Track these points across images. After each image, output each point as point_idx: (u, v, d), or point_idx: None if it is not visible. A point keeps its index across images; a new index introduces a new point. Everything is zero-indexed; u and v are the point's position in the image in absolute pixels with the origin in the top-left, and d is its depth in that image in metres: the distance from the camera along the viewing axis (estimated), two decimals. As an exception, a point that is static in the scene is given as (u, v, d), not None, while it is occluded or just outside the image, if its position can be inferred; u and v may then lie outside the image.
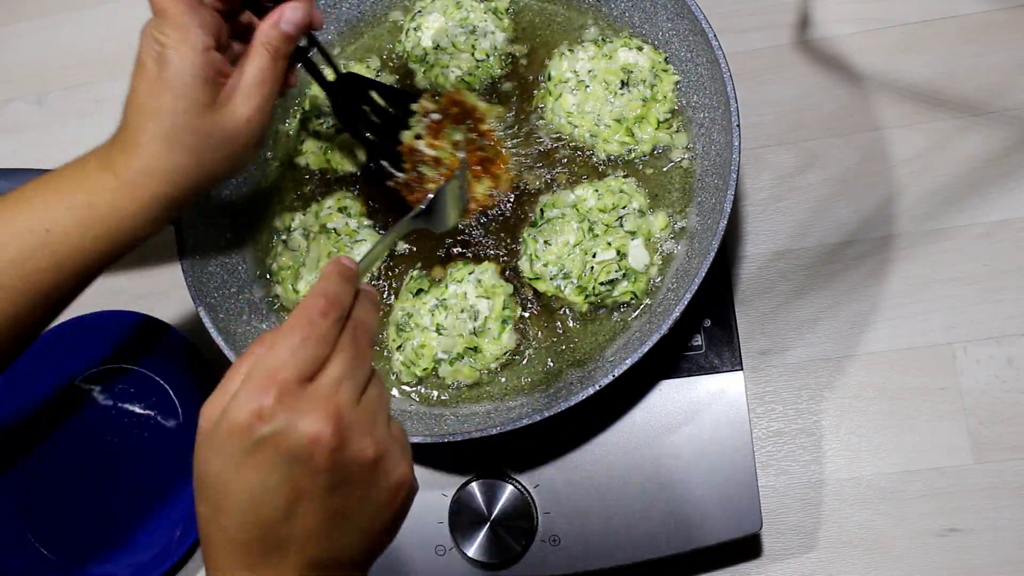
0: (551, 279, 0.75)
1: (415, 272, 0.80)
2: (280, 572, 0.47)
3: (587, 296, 0.75)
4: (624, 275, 0.75)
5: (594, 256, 0.74)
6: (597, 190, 0.76)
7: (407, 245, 0.81)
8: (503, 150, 0.80)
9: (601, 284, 0.74)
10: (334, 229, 0.80)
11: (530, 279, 0.77)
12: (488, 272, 0.77)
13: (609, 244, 0.74)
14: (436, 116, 0.81)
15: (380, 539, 0.50)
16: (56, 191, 0.60)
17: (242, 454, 0.45)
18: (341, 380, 0.47)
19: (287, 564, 0.47)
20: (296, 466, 0.45)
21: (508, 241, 0.79)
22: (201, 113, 0.60)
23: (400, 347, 0.77)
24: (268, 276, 0.82)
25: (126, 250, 0.62)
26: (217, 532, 0.47)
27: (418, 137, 0.80)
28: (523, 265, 0.77)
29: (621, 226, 0.75)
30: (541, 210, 0.77)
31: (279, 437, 0.45)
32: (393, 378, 0.79)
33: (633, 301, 0.76)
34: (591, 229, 0.75)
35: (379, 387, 0.50)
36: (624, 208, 0.76)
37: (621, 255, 0.74)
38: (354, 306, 0.50)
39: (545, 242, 0.76)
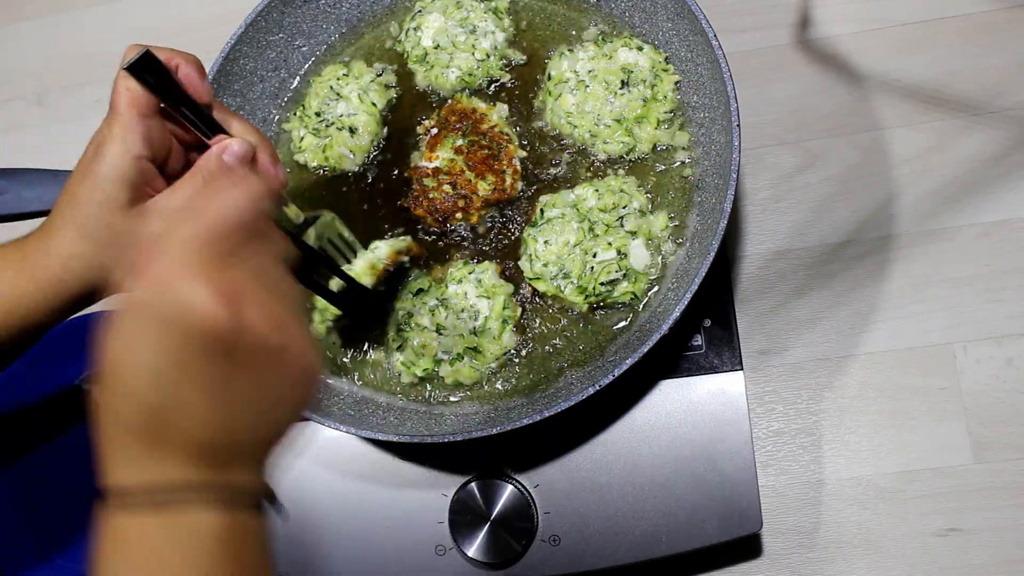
0: (551, 279, 0.75)
1: (415, 272, 0.80)
2: (167, 454, 0.44)
3: (587, 296, 0.75)
4: (624, 275, 0.74)
5: (594, 256, 0.74)
6: (597, 190, 0.76)
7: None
8: (508, 144, 0.80)
9: (601, 284, 0.74)
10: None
11: (530, 279, 0.77)
12: (488, 272, 0.77)
13: (609, 244, 0.74)
14: (435, 131, 0.82)
15: (279, 419, 0.48)
16: None
17: (131, 328, 0.43)
18: (243, 260, 0.45)
19: (173, 447, 0.44)
20: (185, 343, 0.43)
21: (508, 241, 0.79)
22: (115, 211, 0.60)
23: (400, 347, 0.77)
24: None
25: (24, 335, 0.61)
26: (109, 416, 0.44)
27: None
28: (523, 265, 0.77)
29: (621, 226, 0.75)
30: (541, 210, 0.77)
31: (170, 310, 0.43)
32: (394, 378, 0.79)
33: (633, 301, 0.75)
34: (591, 229, 0.75)
35: (280, 269, 0.48)
36: (624, 208, 0.76)
37: (621, 255, 0.74)
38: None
39: (545, 242, 0.76)
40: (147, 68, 0.58)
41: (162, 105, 0.60)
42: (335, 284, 0.73)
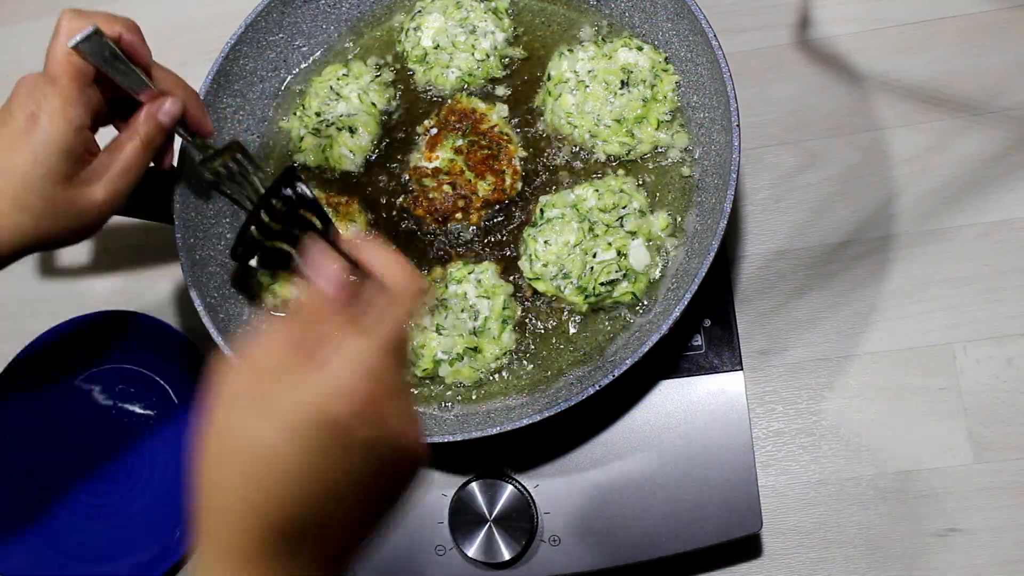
0: (551, 279, 0.75)
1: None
2: (298, 561, 0.44)
3: (587, 296, 0.75)
4: (624, 275, 0.74)
5: (594, 256, 0.74)
6: (597, 190, 0.76)
7: (409, 249, 0.81)
8: (508, 144, 0.80)
9: (601, 284, 0.74)
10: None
11: (530, 279, 0.77)
12: (488, 272, 0.77)
13: (609, 244, 0.74)
14: (435, 131, 0.82)
15: (383, 519, 0.49)
16: None
17: (321, 443, 0.43)
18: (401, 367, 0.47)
19: (311, 553, 0.44)
20: (375, 472, 0.45)
21: (508, 241, 0.79)
22: (57, 184, 0.60)
23: (400, 347, 0.77)
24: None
25: None
26: (252, 516, 0.43)
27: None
28: (523, 265, 0.77)
29: (621, 226, 0.75)
30: (541, 210, 0.77)
31: (369, 442, 0.44)
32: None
33: (633, 301, 0.75)
34: (591, 229, 0.75)
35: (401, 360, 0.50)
36: (624, 208, 0.76)
37: (621, 255, 0.74)
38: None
39: (545, 242, 0.76)
40: (97, 45, 0.59)
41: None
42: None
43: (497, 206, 0.80)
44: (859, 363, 0.80)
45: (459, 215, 0.79)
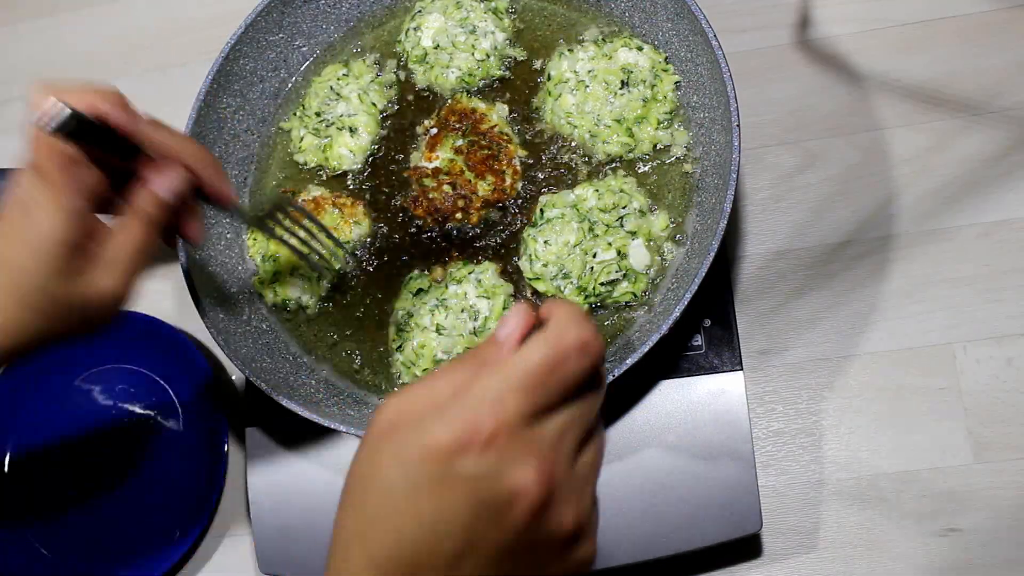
0: (551, 279, 0.75)
1: (415, 272, 0.80)
2: None
3: (587, 296, 0.75)
4: (624, 275, 0.74)
5: (594, 256, 0.74)
6: (597, 190, 0.76)
7: (409, 249, 0.81)
8: (508, 144, 0.80)
9: (601, 284, 0.74)
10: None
11: (530, 279, 0.77)
12: (488, 272, 0.77)
13: (609, 244, 0.74)
14: (435, 131, 0.82)
15: None
16: None
17: (428, 479, 0.39)
18: (565, 432, 0.41)
19: None
20: (483, 516, 0.39)
21: (508, 241, 0.79)
22: (59, 278, 0.55)
23: (400, 347, 0.77)
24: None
25: None
26: (359, 549, 0.41)
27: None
28: (523, 265, 0.77)
29: (621, 226, 0.75)
30: (541, 210, 0.77)
31: (479, 480, 0.39)
32: (395, 379, 0.79)
33: (633, 301, 0.75)
34: (591, 229, 0.75)
35: (597, 452, 0.44)
36: (624, 208, 0.76)
37: (621, 255, 0.74)
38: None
39: (545, 242, 0.76)
40: (67, 124, 0.52)
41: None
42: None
43: (497, 206, 0.80)
44: (859, 363, 0.80)
45: (459, 215, 0.79)
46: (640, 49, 0.80)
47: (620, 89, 0.79)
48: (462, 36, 0.83)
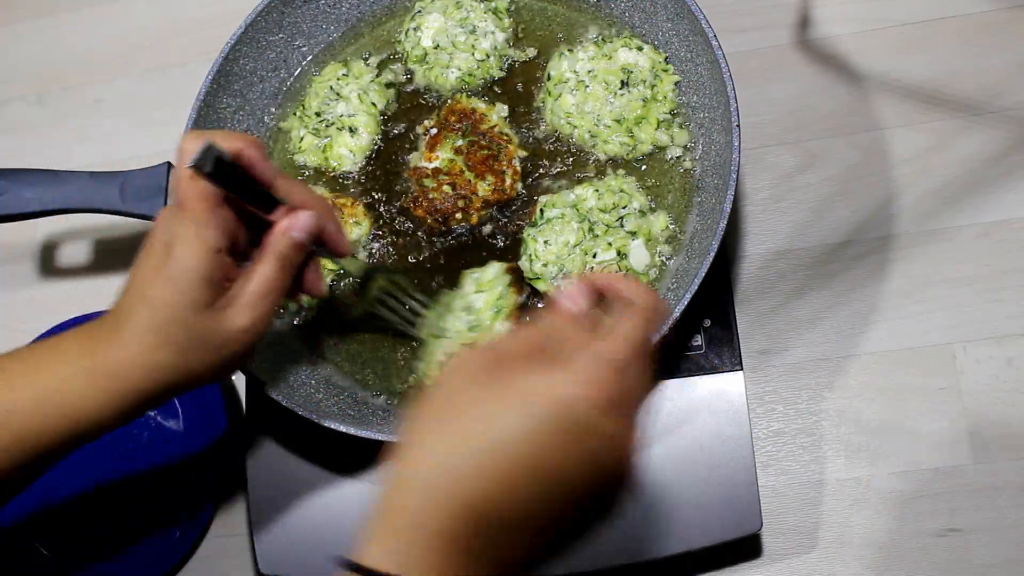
0: (551, 279, 0.75)
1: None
2: (483, 557, 0.43)
3: (587, 296, 0.75)
4: (624, 276, 0.74)
5: (594, 256, 0.74)
6: (597, 190, 0.76)
7: (409, 249, 0.81)
8: (508, 145, 0.80)
9: (601, 284, 0.74)
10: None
11: (530, 279, 0.77)
12: (489, 271, 0.77)
13: (610, 244, 0.74)
14: (435, 131, 0.82)
15: (576, 535, 0.47)
16: (25, 372, 0.58)
17: (554, 425, 0.43)
18: (644, 386, 0.48)
19: (497, 552, 0.43)
20: (590, 468, 0.44)
21: (508, 241, 0.79)
22: (198, 313, 0.57)
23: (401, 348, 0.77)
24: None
25: (85, 440, 0.58)
26: (452, 483, 0.43)
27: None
28: (523, 265, 0.77)
29: (622, 226, 0.75)
30: (541, 210, 0.77)
31: (597, 435, 0.44)
32: (394, 378, 0.79)
33: (633, 301, 0.75)
34: (591, 229, 0.75)
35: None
36: (624, 208, 0.76)
37: (621, 255, 0.74)
38: None
39: (545, 242, 0.76)
40: (211, 161, 0.55)
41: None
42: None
43: (497, 206, 0.80)
44: (859, 363, 0.80)
45: (459, 216, 0.79)
46: (640, 49, 0.80)
47: (620, 89, 0.79)
48: (462, 36, 0.83)
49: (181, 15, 1.05)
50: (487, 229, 0.80)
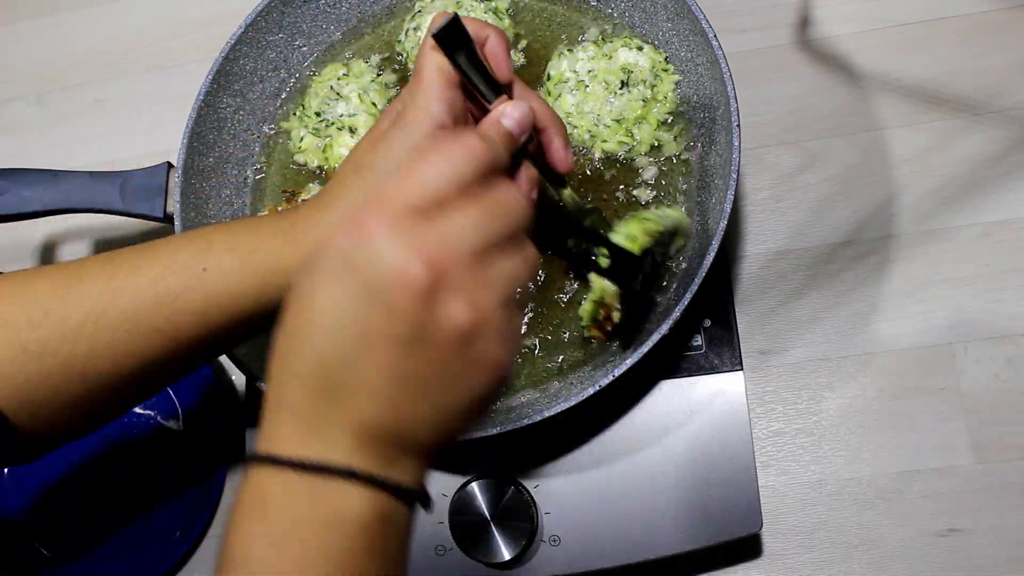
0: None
1: None
2: (331, 426, 0.41)
3: (587, 296, 0.75)
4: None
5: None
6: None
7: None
8: None
9: (601, 284, 0.74)
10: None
11: (530, 279, 0.77)
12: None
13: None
14: None
15: (454, 422, 0.43)
16: (223, 236, 0.58)
17: (325, 271, 0.41)
18: (462, 231, 0.41)
19: (340, 418, 0.41)
20: (372, 301, 0.40)
21: (508, 241, 0.79)
22: None
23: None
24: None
25: (268, 322, 0.56)
26: (280, 361, 0.43)
27: None
28: (523, 265, 0.77)
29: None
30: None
31: (364, 263, 0.40)
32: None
33: (633, 301, 0.75)
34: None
35: (517, 264, 0.43)
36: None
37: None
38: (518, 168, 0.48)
39: (545, 242, 0.75)
40: (454, 37, 0.55)
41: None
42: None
43: (497, 206, 0.80)
44: (859, 363, 0.80)
45: (459, 215, 0.79)
46: (640, 49, 0.80)
47: (620, 89, 0.79)
48: (462, 36, 0.83)
49: (181, 15, 1.05)
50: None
